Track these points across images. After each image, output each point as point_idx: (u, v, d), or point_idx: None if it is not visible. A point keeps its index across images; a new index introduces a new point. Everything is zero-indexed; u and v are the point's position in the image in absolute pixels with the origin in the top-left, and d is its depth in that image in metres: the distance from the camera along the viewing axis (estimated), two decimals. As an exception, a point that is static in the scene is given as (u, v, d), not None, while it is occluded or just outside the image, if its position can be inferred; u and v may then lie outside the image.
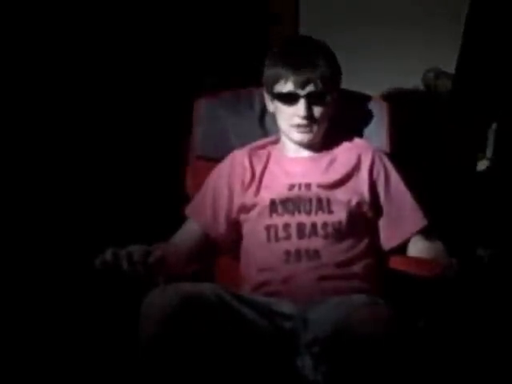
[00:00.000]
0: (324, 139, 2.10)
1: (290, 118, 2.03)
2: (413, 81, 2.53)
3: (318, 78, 2.00)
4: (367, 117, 2.21)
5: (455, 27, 2.31)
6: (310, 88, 2.00)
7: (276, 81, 2.03)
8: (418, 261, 2.00)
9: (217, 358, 1.69)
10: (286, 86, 2.01)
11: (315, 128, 2.03)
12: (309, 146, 2.08)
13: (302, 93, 2.00)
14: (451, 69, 2.46)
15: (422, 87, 2.52)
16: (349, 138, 2.13)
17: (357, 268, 1.96)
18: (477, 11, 2.26)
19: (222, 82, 2.48)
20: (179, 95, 2.54)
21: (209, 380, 1.68)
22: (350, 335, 1.63)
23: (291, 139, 2.07)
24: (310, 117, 2.01)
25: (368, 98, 2.22)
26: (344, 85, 2.11)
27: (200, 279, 1.85)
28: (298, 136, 2.05)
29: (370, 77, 2.55)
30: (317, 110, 2.01)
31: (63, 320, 2.32)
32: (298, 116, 2.01)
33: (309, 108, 2.00)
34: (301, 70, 1.99)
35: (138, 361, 1.69)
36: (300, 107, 2.00)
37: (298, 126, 2.02)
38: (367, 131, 2.20)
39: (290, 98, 2.01)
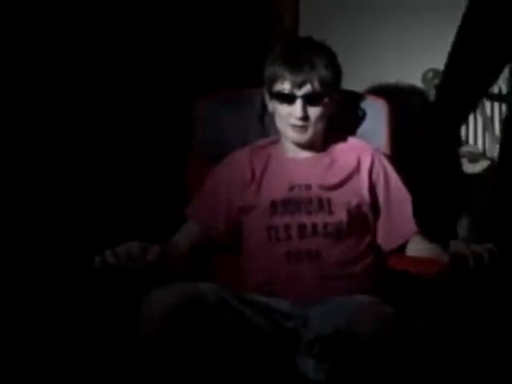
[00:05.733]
0: (324, 139, 2.10)
1: (286, 117, 2.03)
2: (413, 81, 2.53)
3: (315, 79, 1.99)
4: (367, 117, 2.21)
5: (455, 27, 2.31)
6: (306, 89, 2.00)
7: (274, 80, 2.03)
8: (417, 260, 2.00)
9: (217, 357, 1.70)
10: (284, 86, 2.01)
11: (311, 128, 2.03)
12: (309, 146, 2.08)
13: (299, 93, 2.00)
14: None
15: (421, 87, 2.52)
16: (348, 138, 2.13)
17: (357, 268, 1.97)
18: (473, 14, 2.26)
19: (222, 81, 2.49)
20: (179, 95, 2.54)
21: (209, 380, 1.68)
22: (350, 334, 1.63)
23: (288, 138, 2.07)
24: (305, 118, 2.01)
25: (367, 98, 2.22)
26: (343, 84, 2.11)
27: (200, 279, 1.85)
28: (293, 135, 2.05)
29: (370, 76, 2.55)
30: (313, 111, 2.01)
31: (63, 319, 2.32)
32: (294, 116, 2.01)
33: (305, 109, 2.00)
34: (298, 71, 1.99)
35: (137, 360, 1.69)
36: (296, 108, 2.00)
37: (294, 125, 2.02)
38: (367, 131, 2.20)
39: (286, 98, 2.01)
